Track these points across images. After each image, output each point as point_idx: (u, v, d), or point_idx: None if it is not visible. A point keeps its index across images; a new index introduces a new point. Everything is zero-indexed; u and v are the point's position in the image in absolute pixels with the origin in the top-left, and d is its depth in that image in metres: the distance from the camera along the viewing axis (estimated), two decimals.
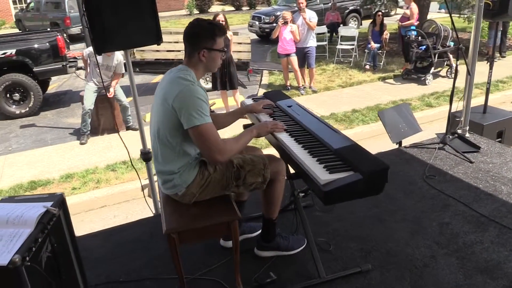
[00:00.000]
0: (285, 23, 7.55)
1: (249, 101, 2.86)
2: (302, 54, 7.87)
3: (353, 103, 7.20)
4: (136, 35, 2.85)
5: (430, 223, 2.87)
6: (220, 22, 6.38)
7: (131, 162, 4.06)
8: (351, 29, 10.67)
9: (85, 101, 6.08)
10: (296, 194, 2.52)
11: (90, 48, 6.17)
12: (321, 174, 1.76)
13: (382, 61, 9.33)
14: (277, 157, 2.39)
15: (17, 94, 7.57)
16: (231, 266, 2.51)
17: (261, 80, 9.41)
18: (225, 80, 6.61)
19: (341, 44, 10.34)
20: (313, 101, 7.52)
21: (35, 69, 7.54)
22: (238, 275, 2.27)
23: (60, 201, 2.15)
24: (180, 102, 2.00)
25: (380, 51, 9.34)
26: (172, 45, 8.75)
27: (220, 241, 2.76)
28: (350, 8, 14.86)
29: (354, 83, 8.40)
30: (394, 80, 8.48)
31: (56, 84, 10.10)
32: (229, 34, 6.58)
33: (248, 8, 24.02)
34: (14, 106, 7.61)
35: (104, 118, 6.56)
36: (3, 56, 7.27)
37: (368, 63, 9.25)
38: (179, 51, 8.79)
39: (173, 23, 19.70)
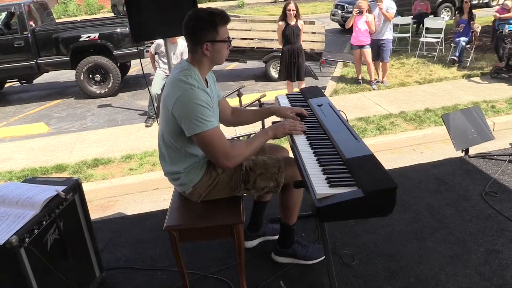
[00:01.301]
0: (360, 12, 7.13)
1: (283, 98, 2.70)
2: (377, 47, 7.39)
3: (428, 102, 6.61)
4: (173, 24, 2.82)
5: (476, 248, 2.50)
6: (291, 11, 6.18)
7: None
8: (437, 21, 9.77)
9: (153, 85, 6.32)
10: None
11: (156, 41, 6.40)
12: (319, 187, 1.57)
13: (470, 57, 8.43)
14: None
15: (98, 76, 8.12)
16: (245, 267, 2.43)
17: (333, 72, 9.06)
18: (293, 70, 6.42)
19: (426, 37, 9.55)
20: (384, 97, 7.05)
21: (115, 53, 8.01)
22: (243, 279, 2.17)
23: (75, 186, 2.22)
24: (179, 110, 1.90)
25: (469, 45, 8.44)
26: (245, 33, 8.72)
27: None
28: None
29: (433, 80, 7.71)
30: (481, 79, 7.62)
31: (138, 67, 10.67)
32: (299, 23, 6.35)
33: None
34: (94, 87, 8.17)
35: None
36: (87, 39, 7.82)
37: (453, 57, 8.42)
38: (252, 39, 8.75)
39: (257, 11, 19.80)
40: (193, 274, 2.43)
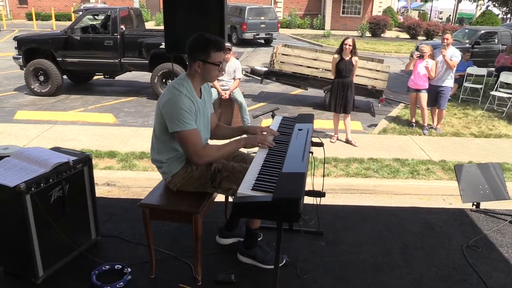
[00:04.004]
0: (421, 56, 7.17)
1: (277, 119, 3.03)
2: (435, 93, 7.35)
3: (476, 156, 6.42)
4: None
5: None
6: (348, 45, 6.43)
7: None
8: None
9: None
10: None
11: None
12: (243, 187, 1.89)
13: None
14: None
15: (170, 81, 8.98)
16: (212, 259, 2.78)
17: (391, 111, 9.05)
18: (340, 103, 6.61)
19: (499, 91, 9.18)
20: (432, 143, 6.96)
21: (187, 63, 8.81)
22: (198, 263, 2.50)
23: (85, 160, 2.74)
24: (166, 109, 2.34)
25: None
26: (310, 62, 9.10)
27: (216, 237, 3.02)
28: None
29: (491, 135, 7.43)
30: None
31: None
32: (354, 59, 6.57)
33: (424, 38, 22.81)
34: None
35: (225, 116, 7.33)
36: None
37: None
38: (316, 68, 9.10)
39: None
40: (166, 253, 2.83)
